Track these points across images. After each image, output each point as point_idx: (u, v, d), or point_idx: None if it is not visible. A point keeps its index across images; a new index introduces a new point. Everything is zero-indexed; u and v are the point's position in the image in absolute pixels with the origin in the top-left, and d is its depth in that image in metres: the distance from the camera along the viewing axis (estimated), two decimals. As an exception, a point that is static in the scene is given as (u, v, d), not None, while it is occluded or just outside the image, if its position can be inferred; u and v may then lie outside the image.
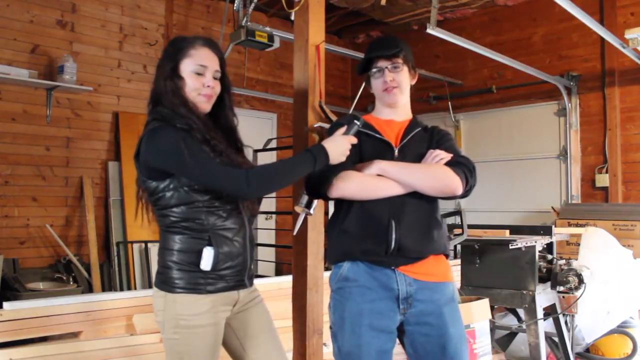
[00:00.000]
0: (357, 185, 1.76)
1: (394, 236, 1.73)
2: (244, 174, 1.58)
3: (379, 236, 1.74)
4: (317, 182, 1.77)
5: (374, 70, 1.87)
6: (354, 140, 1.76)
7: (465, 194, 1.80)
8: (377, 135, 1.85)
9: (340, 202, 1.84)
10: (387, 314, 1.75)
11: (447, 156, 1.80)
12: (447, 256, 1.87)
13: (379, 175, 1.77)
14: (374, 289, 1.75)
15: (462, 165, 1.78)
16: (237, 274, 1.68)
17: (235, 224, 1.68)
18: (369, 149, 1.84)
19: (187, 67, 1.69)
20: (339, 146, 1.71)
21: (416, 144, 1.86)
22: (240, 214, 1.71)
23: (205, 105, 1.71)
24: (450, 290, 1.83)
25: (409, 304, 1.76)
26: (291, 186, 2.42)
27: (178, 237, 1.64)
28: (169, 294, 1.64)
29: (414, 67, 1.93)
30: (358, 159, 1.81)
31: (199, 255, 1.62)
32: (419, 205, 1.78)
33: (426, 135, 1.90)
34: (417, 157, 1.82)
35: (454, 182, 1.74)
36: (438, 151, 1.81)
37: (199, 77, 1.69)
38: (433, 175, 1.76)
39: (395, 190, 1.75)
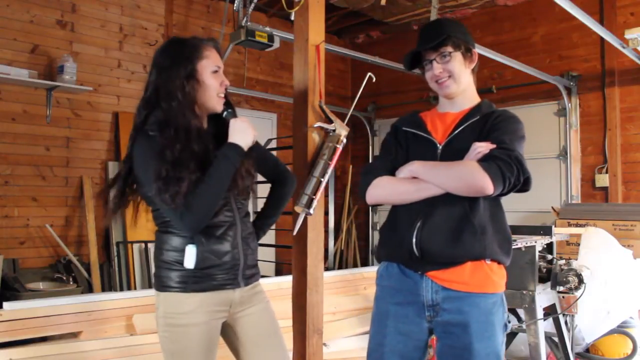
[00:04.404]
0: (386, 191, 1.71)
1: (414, 240, 1.64)
2: (178, 212, 1.54)
3: (403, 239, 1.67)
4: (359, 190, 1.76)
5: (424, 63, 1.75)
6: (243, 119, 1.72)
7: (508, 191, 1.60)
8: (421, 134, 1.75)
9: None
10: (413, 320, 1.69)
11: (487, 148, 1.60)
12: (499, 262, 1.67)
13: (414, 177, 1.66)
14: (403, 292, 1.70)
15: (496, 159, 1.56)
16: (225, 272, 1.66)
17: (223, 222, 1.66)
18: (414, 149, 1.75)
19: (205, 69, 1.68)
20: (240, 130, 1.67)
21: (466, 137, 1.67)
22: (231, 211, 1.68)
23: (220, 106, 1.72)
24: (488, 303, 1.64)
25: (435, 312, 1.66)
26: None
27: (168, 237, 1.66)
28: (161, 292, 1.66)
29: (469, 49, 1.74)
30: (405, 160, 1.72)
31: (184, 254, 1.62)
32: (451, 206, 1.62)
33: (480, 124, 1.70)
34: (462, 153, 1.63)
35: (480, 181, 1.53)
36: (479, 144, 1.61)
37: (217, 77, 1.70)
38: (456, 174, 1.59)
39: (429, 191, 1.63)
